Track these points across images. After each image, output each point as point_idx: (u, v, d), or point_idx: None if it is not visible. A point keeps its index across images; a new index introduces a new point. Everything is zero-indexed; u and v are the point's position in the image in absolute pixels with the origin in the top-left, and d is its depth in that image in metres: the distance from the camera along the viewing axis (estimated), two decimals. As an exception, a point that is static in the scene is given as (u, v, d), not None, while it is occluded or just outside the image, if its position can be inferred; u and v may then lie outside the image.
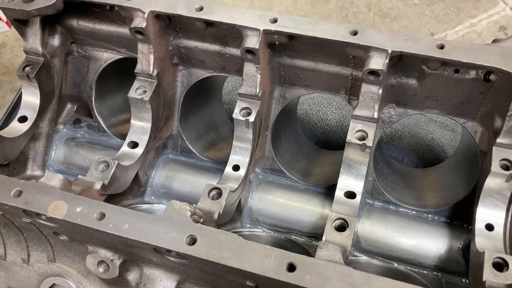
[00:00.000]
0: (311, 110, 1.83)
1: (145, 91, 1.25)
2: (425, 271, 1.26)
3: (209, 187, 1.09)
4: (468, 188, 1.24)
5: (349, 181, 1.17)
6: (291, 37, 1.14)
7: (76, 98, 1.50)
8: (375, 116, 1.13)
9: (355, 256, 1.28)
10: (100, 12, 1.33)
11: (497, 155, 1.07)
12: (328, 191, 1.35)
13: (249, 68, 1.18)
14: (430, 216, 1.30)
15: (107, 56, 1.43)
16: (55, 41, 1.37)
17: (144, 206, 1.33)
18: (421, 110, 1.24)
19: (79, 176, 1.10)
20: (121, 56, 1.41)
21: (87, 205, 0.94)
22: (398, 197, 1.33)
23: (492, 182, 1.08)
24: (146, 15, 1.17)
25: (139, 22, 1.18)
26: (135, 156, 1.24)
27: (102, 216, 0.92)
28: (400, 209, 1.32)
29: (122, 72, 1.43)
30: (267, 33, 1.12)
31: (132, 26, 1.18)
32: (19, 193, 0.96)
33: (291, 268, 0.84)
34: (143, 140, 1.27)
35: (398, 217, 1.30)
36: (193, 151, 1.43)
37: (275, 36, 1.14)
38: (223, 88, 1.69)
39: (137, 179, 1.32)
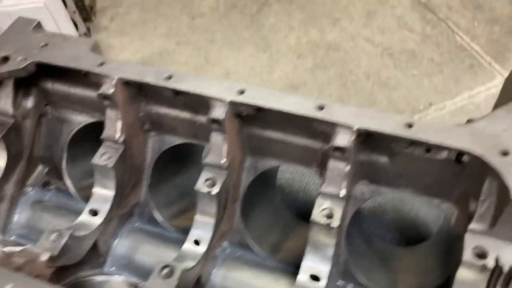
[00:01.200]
0: (293, 180, 1.78)
1: (110, 157, 1.22)
2: None
3: (161, 264, 1.03)
4: (444, 275, 1.16)
5: (315, 263, 1.10)
6: (259, 109, 1.12)
7: (48, 160, 1.47)
8: (343, 194, 1.08)
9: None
10: (74, 76, 1.32)
11: (470, 242, 1.00)
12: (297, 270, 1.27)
13: (215, 138, 1.15)
14: None
15: (80, 119, 1.41)
16: (29, 103, 1.37)
17: (100, 278, 1.26)
18: (394, 188, 1.19)
19: (27, 245, 1.05)
20: (93, 120, 1.39)
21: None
22: (372, 279, 1.25)
23: (464, 273, 1.00)
24: (114, 82, 1.16)
25: (107, 88, 1.17)
26: (93, 225, 1.19)
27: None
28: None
29: (95, 136, 1.41)
30: (233, 104, 1.10)
31: (99, 92, 1.17)
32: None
33: None
34: (104, 209, 1.22)
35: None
36: (162, 219, 1.38)
37: (242, 108, 1.12)
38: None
39: (96, 248, 1.26)
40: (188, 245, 1.15)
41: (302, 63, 4.16)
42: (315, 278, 1.08)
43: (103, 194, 1.23)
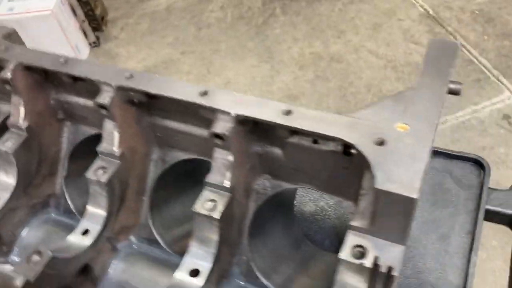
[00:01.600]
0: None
1: (11, 143, 1.21)
2: None
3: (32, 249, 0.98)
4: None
5: (196, 259, 1.04)
6: (149, 95, 1.08)
7: None
8: (226, 184, 1.03)
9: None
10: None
11: (351, 240, 0.92)
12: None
13: (107, 125, 1.12)
14: (306, 306, 1.13)
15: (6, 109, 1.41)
16: None
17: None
18: (295, 183, 1.12)
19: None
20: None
21: None
22: (278, 283, 1.18)
23: (344, 273, 0.92)
24: (12, 66, 1.15)
25: (5, 73, 1.16)
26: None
27: None
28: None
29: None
30: (120, 89, 1.07)
31: (-1, 77, 1.16)
32: None
33: None
34: (3, 197, 1.21)
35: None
36: (74, 211, 1.35)
37: (131, 93, 1.08)
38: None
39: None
40: (75, 237, 1.11)
41: (303, 74, 4.12)
42: (194, 273, 1.02)
43: (4, 181, 1.21)
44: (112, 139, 1.12)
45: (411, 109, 0.91)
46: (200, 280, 1.02)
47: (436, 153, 1.68)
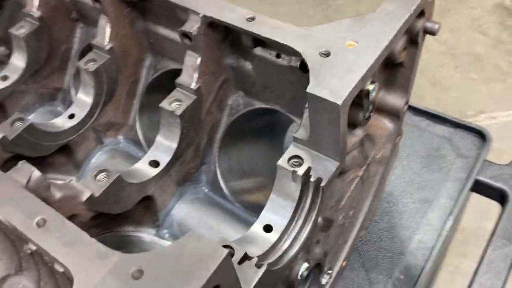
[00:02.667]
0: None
1: (23, 29, 1.33)
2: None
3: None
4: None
5: (157, 152, 1.11)
6: (139, -4, 1.15)
7: (8, 42, 1.63)
8: (192, 86, 1.08)
9: (162, 237, 1.19)
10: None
11: (290, 151, 0.95)
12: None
13: (101, 20, 1.21)
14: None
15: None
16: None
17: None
18: (265, 103, 1.16)
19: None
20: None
21: None
22: (237, 197, 1.23)
23: (280, 179, 0.96)
24: None
25: (24, -39, 1.27)
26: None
27: None
28: (233, 207, 1.22)
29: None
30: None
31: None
32: None
33: None
34: (13, 77, 1.33)
35: (222, 212, 1.20)
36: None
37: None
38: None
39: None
40: (62, 120, 1.22)
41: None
42: (153, 164, 1.10)
43: (15, 63, 1.34)
44: (104, 34, 1.20)
45: (365, 29, 0.92)
46: (156, 170, 1.10)
47: (441, 119, 1.64)
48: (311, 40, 0.91)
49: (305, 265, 0.99)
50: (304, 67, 1.00)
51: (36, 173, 0.84)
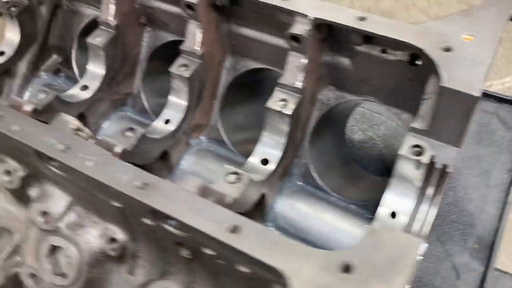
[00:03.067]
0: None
1: (102, 39, 1.33)
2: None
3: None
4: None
5: (267, 148, 1.16)
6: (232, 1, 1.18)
7: (61, 50, 1.62)
8: (298, 85, 1.13)
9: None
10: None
11: (410, 140, 1.02)
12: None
13: (190, 26, 1.23)
14: (355, 207, 1.25)
15: (90, 13, 1.54)
16: (47, -7, 1.51)
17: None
18: (358, 95, 1.22)
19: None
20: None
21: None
22: (332, 187, 1.29)
23: (402, 167, 1.03)
24: None
25: (102, -29, 1.27)
26: (79, 96, 1.32)
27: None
28: (328, 196, 1.28)
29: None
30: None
31: (96, -25, 1.28)
32: None
33: (142, 187, 0.85)
34: (93, 85, 1.35)
35: (323, 203, 1.26)
36: (148, 110, 1.49)
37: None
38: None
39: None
40: (159, 123, 1.25)
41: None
42: (264, 162, 1.15)
43: (94, 71, 1.35)
44: (195, 39, 1.23)
45: (476, 23, 0.99)
46: (270, 166, 1.15)
47: (486, 95, 1.74)
48: (429, 36, 0.98)
49: (425, 245, 1.07)
50: (411, 61, 1.07)
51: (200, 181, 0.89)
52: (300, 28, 1.07)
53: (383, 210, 1.04)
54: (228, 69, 1.37)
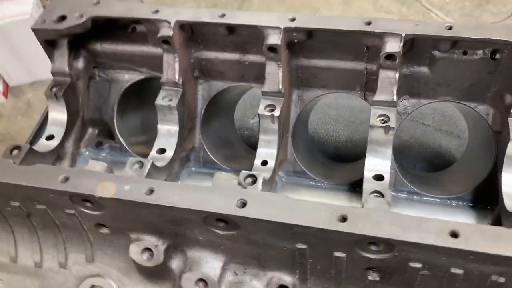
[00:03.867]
0: (320, 129, 1.90)
1: (171, 99, 1.31)
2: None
3: (244, 174, 1.10)
4: (486, 170, 1.29)
5: (376, 163, 1.21)
6: (309, 34, 1.23)
7: (97, 122, 1.55)
8: (394, 99, 1.21)
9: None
10: (122, 33, 1.41)
11: (514, 122, 1.14)
12: (352, 188, 1.38)
13: (271, 67, 1.26)
14: (453, 202, 1.33)
15: (128, 77, 1.50)
16: (79, 64, 1.44)
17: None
18: (434, 98, 1.32)
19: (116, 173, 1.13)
20: (142, 77, 1.48)
21: (135, 183, 0.96)
22: (420, 188, 1.37)
23: (513, 153, 1.14)
24: (172, 24, 1.25)
25: (166, 31, 1.26)
26: (165, 159, 1.28)
27: (151, 191, 0.94)
28: (424, 198, 1.36)
29: (140, 92, 1.51)
30: (287, 31, 1.21)
31: (159, 36, 1.26)
32: (66, 179, 0.98)
33: (343, 219, 0.86)
34: (171, 144, 1.31)
35: (423, 205, 1.33)
36: (215, 161, 1.47)
37: (294, 34, 1.23)
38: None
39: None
40: (258, 163, 1.25)
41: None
42: (379, 177, 1.19)
43: (168, 130, 1.32)
44: (277, 79, 1.26)
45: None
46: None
47: None
48: (515, 31, 1.10)
49: None
50: (492, 56, 1.19)
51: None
52: (393, 46, 1.15)
53: (507, 189, 1.14)
54: (295, 102, 1.40)
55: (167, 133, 1.32)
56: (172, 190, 0.94)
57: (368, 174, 1.19)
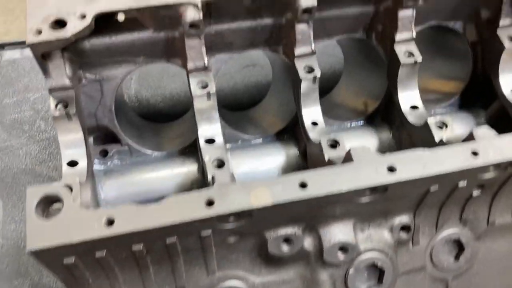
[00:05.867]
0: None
1: (207, 85, 1.24)
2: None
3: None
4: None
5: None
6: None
7: (93, 129, 1.37)
8: (414, 35, 1.34)
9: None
10: (111, 23, 1.23)
11: (504, 33, 1.37)
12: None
13: (302, 28, 1.26)
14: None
15: (122, 71, 1.33)
16: (68, 71, 1.23)
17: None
18: (423, 24, 1.47)
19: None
20: (138, 66, 1.33)
21: (284, 181, 0.94)
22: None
23: (506, 56, 1.38)
24: (199, 5, 1.15)
25: (194, 15, 1.15)
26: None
27: (303, 185, 0.94)
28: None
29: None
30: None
31: (187, 21, 1.15)
32: (210, 203, 0.91)
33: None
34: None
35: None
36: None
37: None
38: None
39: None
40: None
41: None
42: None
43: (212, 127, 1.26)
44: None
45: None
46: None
47: None
48: None
49: None
50: None
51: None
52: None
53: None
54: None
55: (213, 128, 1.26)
56: (322, 177, 0.95)
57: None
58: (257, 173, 1.42)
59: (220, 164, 1.17)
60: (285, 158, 1.45)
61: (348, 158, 1.01)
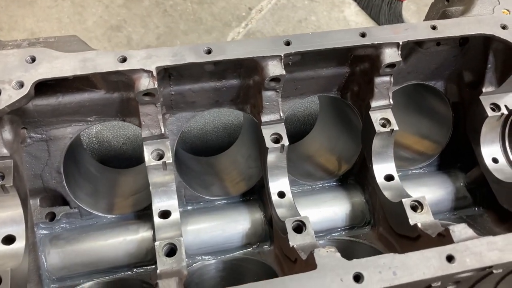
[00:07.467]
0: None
1: (163, 155, 1.12)
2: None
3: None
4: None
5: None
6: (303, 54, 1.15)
7: (39, 191, 1.24)
8: (391, 102, 1.24)
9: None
10: (60, 83, 1.11)
11: (487, 100, 1.28)
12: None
13: (269, 94, 1.15)
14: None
15: (71, 130, 1.21)
16: (8, 134, 1.10)
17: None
18: (401, 84, 1.38)
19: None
20: (90, 125, 1.21)
21: None
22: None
23: (488, 125, 1.30)
24: (154, 73, 1.03)
25: (148, 83, 1.03)
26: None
27: None
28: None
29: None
30: (286, 56, 1.10)
31: (140, 90, 1.03)
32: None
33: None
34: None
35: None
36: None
37: (290, 58, 1.13)
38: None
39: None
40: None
41: (112, 1, 3.88)
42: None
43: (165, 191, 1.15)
44: (277, 107, 1.17)
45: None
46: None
47: None
48: (485, 23, 1.19)
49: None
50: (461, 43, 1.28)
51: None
52: (393, 55, 1.15)
53: (487, 160, 1.31)
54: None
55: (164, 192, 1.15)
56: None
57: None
58: (219, 241, 1.31)
59: (171, 252, 1.04)
60: (250, 224, 1.34)
61: (311, 263, 0.91)
